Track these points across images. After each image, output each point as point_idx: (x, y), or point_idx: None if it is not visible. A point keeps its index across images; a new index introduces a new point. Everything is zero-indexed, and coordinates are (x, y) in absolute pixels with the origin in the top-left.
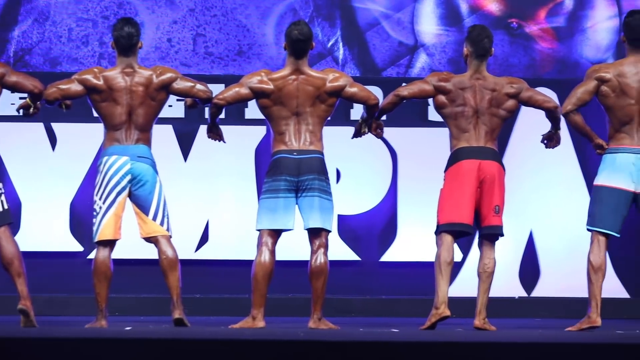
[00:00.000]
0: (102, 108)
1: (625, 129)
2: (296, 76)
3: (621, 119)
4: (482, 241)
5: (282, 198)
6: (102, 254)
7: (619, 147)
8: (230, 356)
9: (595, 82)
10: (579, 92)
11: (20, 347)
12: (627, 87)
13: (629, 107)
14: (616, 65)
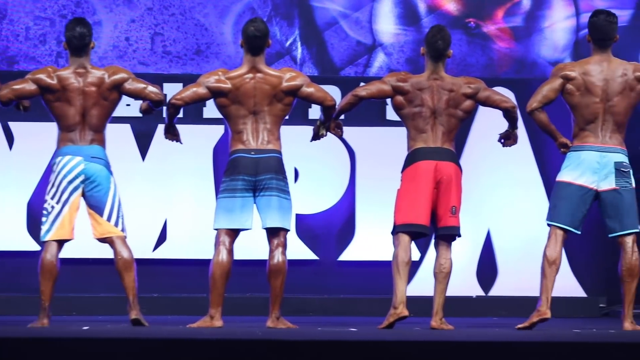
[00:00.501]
0: (56, 108)
1: (589, 127)
2: (253, 75)
3: (586, 118)
4: (439, 242)
5: (240, 197)
6: (50, 253)
7: (583, 145)
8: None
9: (561, 80)
10: (544, 90)
11: None
12: (592, 85)
13: (594, 105)
14: (582, 64)
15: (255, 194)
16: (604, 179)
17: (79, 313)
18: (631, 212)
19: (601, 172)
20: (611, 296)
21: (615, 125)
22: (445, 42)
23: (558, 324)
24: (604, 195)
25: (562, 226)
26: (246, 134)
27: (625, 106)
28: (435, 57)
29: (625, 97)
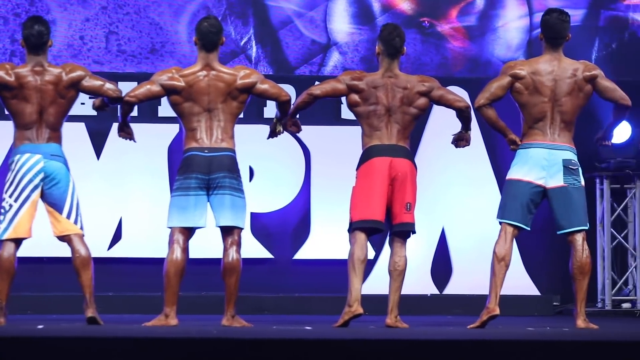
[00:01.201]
0: (12, 105)
1: (538, 126)
2: (207, 72)
3: (534, 116)
4: (394, 238)
5: (193, 196)
6: (7, 251)
7: (532, 142)
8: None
9: (510, 79)
10: (492, 87)
11: None
12: (541, 85)
13: (542, 104)
14: (531, 63)
15: (209, 192)
16: (552, 176)
17: (35, 312)
18: (579, 209)
19: (549, 169)
20: (565, 294)
21: (563, 124)
22: (401, 39)
23: (512, 322)
24: (552, 192)
25: (511, 223)
26: (200, 132)
27: (574, 106)
28: (392, 55)
29: (574, 97)
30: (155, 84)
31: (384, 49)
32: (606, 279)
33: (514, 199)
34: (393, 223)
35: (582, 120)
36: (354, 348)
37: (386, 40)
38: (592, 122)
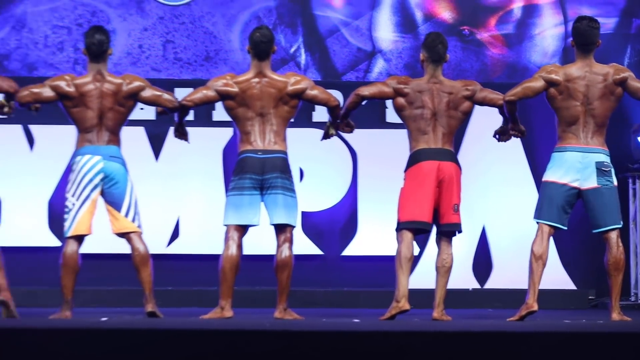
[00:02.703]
0: (74, 113)
1: (572, 129)
2: (259, 79)
3: (568, 120)
4: (441, 237)
5: (247, 195)
6: (71, 248)
7: (566, 146)
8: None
9: (544, 83)
10: (524, 87)
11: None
12: (574, 90)
13: (575, 108)
14: (565, 69)
15: (262, 192)
16: (586, 179)
17: (99, 305)
18: (613, 209)
19: (583, 171)
20: (600, 289)
21: (596, 127)
22: (444, 46)
23: (549, 316)
24: (587, 193)
25: (548, 223)
26: (253, 135)
27: (605, 109)
28: (436, 61)
29: (606, 100)
30: (211, 90)
31: (428, 56)
32: (639, 274)
33: (551, 200)
34: (440, 223)
35: (614, 122)
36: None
37: (430, 47)
38: (625, 123)
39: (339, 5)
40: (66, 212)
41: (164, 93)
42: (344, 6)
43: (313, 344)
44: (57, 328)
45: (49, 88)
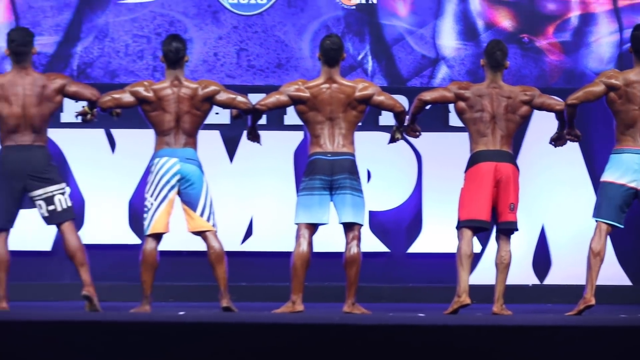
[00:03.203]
0: (152, 117)
1: (629, 132)
2: (329, 84)
3: (626, 123)
4: (499, 235)
5: (318, 195)
6: (150, 245)
7: (624, 148)
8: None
9: (604, 87)
10: (586, 91)
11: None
12: (632, 94)
13: (633, 112)
14: (624, 74)
15: (332, 192)
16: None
17: (176, 300)
18: None
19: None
20: None
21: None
22: (504, 53)
23: (606, 310)
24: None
25: (606, 221)
26: (323, 138)
27: None
28: (495, 67)
29: None
30: (283, 95)
31: (488, 62)
32: None
33: (609, 200)
34: (498, 221)
35: None
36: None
37: (490, 54)
38: None
39: (404, 15)
40: (145, 211)
41: (238, 95)
42: (409, 15)
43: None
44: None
45: (129, 93)
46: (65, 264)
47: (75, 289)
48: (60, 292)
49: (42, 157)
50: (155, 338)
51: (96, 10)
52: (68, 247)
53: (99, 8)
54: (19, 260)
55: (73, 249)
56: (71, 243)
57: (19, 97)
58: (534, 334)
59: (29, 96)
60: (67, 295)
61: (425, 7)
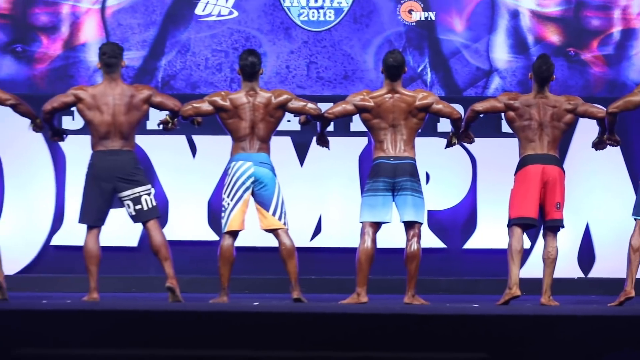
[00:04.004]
0: (229, 124)
1: None
2: (392, 95)
3: None
4: (546, 232)
5: (381, 196)
6: (227, 242)
7: None
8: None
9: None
10: (626, 100)
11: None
12: None
13: None
14: None
15: (394, 193)
16: None
17: (251, 292)
18: None
19: None
20: None
21: None
22: (549, 70)
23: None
24: None
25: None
26: (386, 144)
27: None
28: (542, 79)
29: None
30: (350, 104)
31: (535, 77)
32: None
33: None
34: (545, 219)
35: None
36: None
37: (536, 71)
38: None
39: (460, 30)
40: (223, 210)
41: (309, 103)
42: (464, 31)
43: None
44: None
45: (208, 103)
46: (150, 259)
47: (159, 282)
48: (146, 285)
49: (130, 161)
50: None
51: (179, 27)
52: (153, 243)
53: (181, 25)
54: (109, 255)
55: (158, 245)
56: (156, 239)
57: (110, 106)
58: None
59: (119, 105)
60: (151, 287)
61: (480, 23)
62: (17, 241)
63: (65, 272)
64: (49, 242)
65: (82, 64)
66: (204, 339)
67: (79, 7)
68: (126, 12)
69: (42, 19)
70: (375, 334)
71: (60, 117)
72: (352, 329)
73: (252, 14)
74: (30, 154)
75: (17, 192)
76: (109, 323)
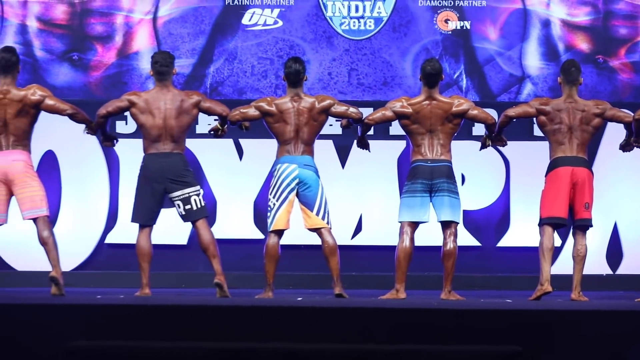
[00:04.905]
0: (275, 128)
1: None
2: (429, 102)
3: None
4: (576, 231)
5: (419, 197)
6: (273, 240)
7: None
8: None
9: None
10: None
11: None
12: None
13: None
14: None
15: (431, 194)
16: None
17: (295, 287)
18: None
19: None
20: None
21: None
22: (578, 70)
23: None
24: None
25: None
26: (424, 147)
27: None
28: (571, 82)
29: None
30: (389, 110)
31: (564, 78)
32: None
33: None
34: (575, 219)
35: None
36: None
37: (566, 70)
38: None
39: (494, 38)
40: (269, 210)
41: (350, 107)
42: (498, 39)
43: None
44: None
45: (254, 108)
46: (199, 256)
47: (207, 278)
48: (195, 281)
49: (180, 163)
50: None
51: (227, 36)
52: (202, 241)
53: (229, 34)
54: (160, 252)
55: (206, 243)
56: (205, 238)
57: (161, 110)
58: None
59: (170, 110)
60: (200, 283)
61: (513, 31)
62: (74, 239)
63: (118, 268)
64: (104, 240)
65: (135, 71)
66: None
67: (132, 18)
68: (176, 22)
69: (97, 28)
70: (413, 328)
71: (114, 121)
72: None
73: (296, 23)
74: (85, 156)
75: (74, 193)
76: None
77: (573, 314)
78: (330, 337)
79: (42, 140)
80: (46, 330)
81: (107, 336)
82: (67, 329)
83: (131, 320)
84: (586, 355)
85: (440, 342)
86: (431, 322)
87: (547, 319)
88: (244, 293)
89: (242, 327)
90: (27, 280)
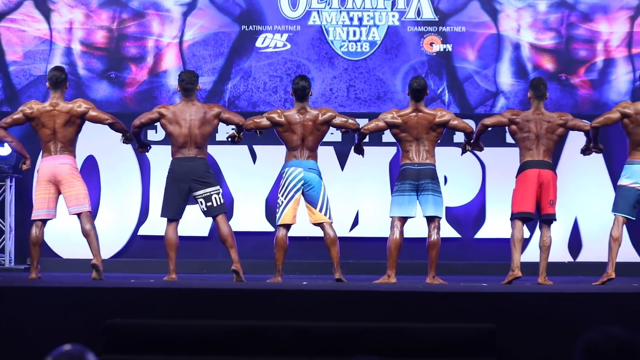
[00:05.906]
0: (284, 136)
1: (638, 148)
2: (416, 113)
3: (635, 141)
4: (542, 224)
5: (407, 195)
6: (282, 233)
7: (634, 160)
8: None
9: (619, 114)
10: (606, 117)
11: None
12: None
13: None
14: (635, 105)
15: (418, 193)
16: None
17: (301, 273)
18: None
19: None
20: None
21: None
22: (545, 86)
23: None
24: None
25: (622, 215)
26: (412, 153)
27: None
28: (538, 97)
29: None
30: (381, 122)
31: (534, 93)
32: None
33: (624, 199)
34: (541, 214)
35: None
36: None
37: (534, 87)
38: None
39: (472, 59)
40: (278, 207)
41: (349, 119)
42: (475, 60)
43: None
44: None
45: (266, 119)
46: (219, 246)
47: (226, 265)
48: (215, 267)
49: (203, 166)
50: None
51: (243, 57)
52: (221, 233)
53: (245, 55)
54: (185, 243)
55: (225, 235)
56: (223, 230)
57: (187, 121)
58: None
59: (194, 120)
60: (220, 269)
61: (488, 53)
62: (111, 232)
63: (149, 257)
64: (137, 233)
65: (164, 87)
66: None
67: (161, 41)
68: (199, 45)
69: (131, 51)
70: (402, 308)
71: (146, 130)
72: (384, 304)
73: (302, 46)
74: (121, 161)
75: (111, 192)
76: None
77: (540, 295)
78: (332, 315)
79: (85, 147)
80: (87, 310)
81: (140, 315)
82: (105, 308)
83: (160, 301)
84: (550, 331)
85: (425, 321)
86: (418, 303)
87: (518, 300)
88: (257, 278)
89: (256, 307)
90: (72, 267)
